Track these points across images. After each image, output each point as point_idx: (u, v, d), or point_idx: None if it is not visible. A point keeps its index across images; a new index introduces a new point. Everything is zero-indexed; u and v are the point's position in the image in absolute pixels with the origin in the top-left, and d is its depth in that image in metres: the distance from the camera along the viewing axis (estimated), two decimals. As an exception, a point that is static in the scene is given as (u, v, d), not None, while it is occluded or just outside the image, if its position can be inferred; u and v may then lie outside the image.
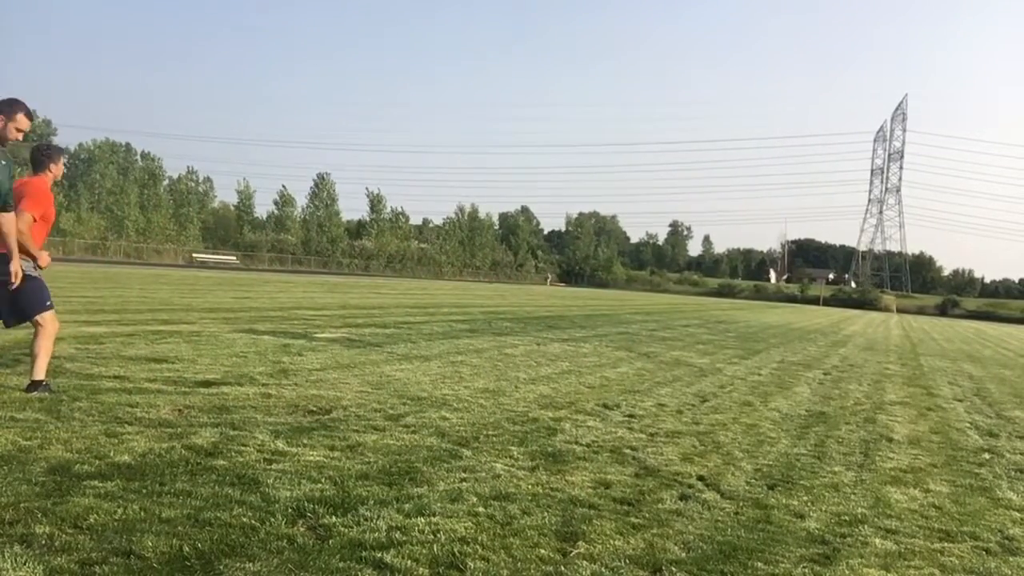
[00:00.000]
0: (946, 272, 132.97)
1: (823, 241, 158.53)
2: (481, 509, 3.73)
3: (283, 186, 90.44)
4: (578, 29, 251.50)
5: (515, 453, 4.92)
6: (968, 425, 7.79)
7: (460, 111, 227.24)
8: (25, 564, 2.66)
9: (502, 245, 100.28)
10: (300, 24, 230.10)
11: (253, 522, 3.25)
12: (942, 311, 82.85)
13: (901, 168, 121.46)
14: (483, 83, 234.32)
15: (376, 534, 3.26)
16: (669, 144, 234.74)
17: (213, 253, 66.87)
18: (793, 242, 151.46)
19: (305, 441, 4.73)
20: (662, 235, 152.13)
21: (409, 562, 3.00)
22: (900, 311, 78.04)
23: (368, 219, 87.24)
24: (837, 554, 3.57)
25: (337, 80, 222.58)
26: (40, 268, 5.34)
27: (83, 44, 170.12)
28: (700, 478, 4.74)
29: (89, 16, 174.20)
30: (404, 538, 3.25)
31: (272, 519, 3.31)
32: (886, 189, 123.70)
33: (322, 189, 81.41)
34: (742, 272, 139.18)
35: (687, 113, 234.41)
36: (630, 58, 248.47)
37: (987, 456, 6.24)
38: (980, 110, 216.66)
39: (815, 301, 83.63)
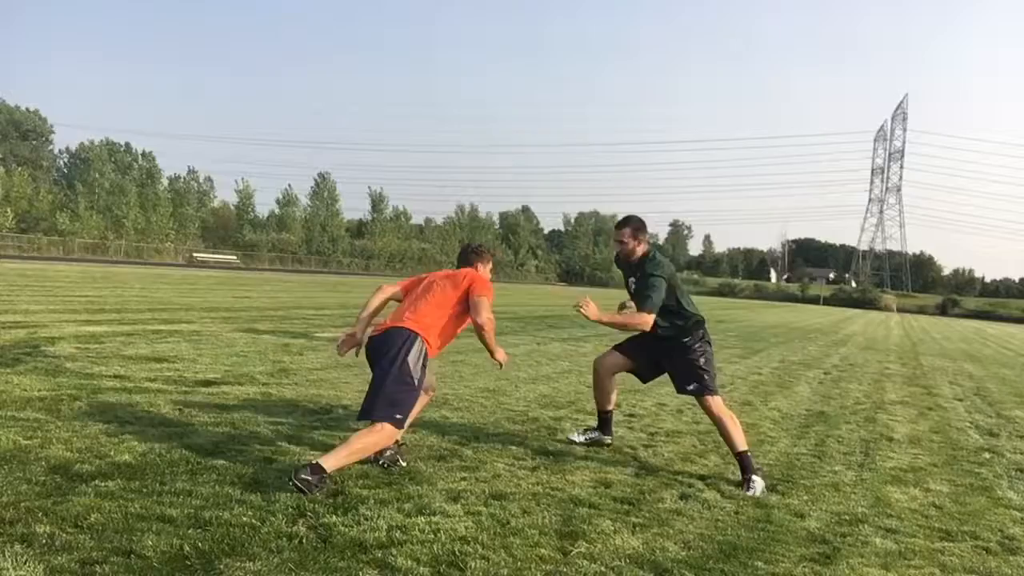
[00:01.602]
0: (946, 271, 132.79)
1: (823, 241, 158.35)
2: (481, 508, 3.73)
3: (288, 185, 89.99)
4: (579, 28, 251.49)
5: (515, 452, 4.92)
6: (968, 424, 7.79)
7: (460, 110, 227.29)
8: (26, 563, 2.66)
9: (502, 245, 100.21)
10: (301, 23, 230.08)
11: (254, 521, 3.25)
12: (942, 310, 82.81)
13: (901, 167, 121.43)
14: (484, 82, 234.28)
15: (376, 533, 3.26)
16: (670, 143, 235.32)
17: (213, 252, 66.82)
18: (793, 241, 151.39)
19: (306, 441, 4.73)
20: (662, 235, 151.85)
21: (410, 561, 3.00)
22: (900, 310, 78.00)
23: (369, 218, 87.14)
24: (837, 553, 3.57)
25: (337, 79, 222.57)
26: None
27: (82, 43, 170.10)
28: (700, 477, 4.74)
29: (89, 15, 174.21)
30: (404, 537, 3.25)
31: (273, 518, 3.31)
32: (886, 188, 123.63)
33: (323, 188, 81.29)
34: (742, 271, 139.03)
35: (688, 112, 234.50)
36: (631, 57, 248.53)
37: (987, 455, 6.24)
38: (981, 109, 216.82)
39: (815, 300, 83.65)
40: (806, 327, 26.58)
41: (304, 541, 3.11)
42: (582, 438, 5.26)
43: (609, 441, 5.33)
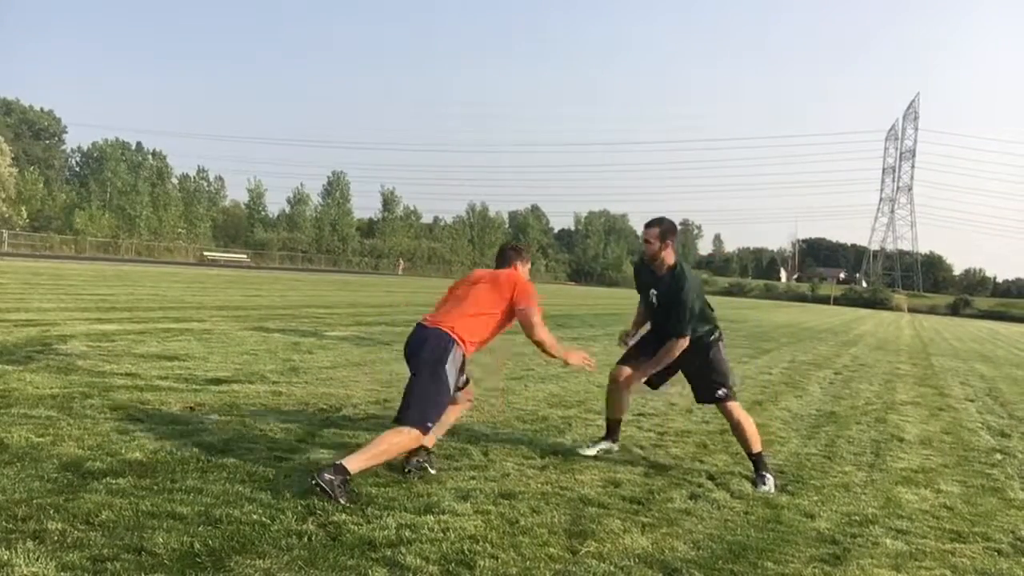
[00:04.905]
0: (958, 271, 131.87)
1: (834, 240, 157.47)
2: (491, 507, 3.73)
3: (301, 184, 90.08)
4: (585, 28, 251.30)
5: (525, 451, 4.92)
6: (980, 425, 7.73)
7: (470, 109, 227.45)
8: (37, 560, 2.68)
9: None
10: (308, 24, 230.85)
11: (264, 519, 3.27)
12: (954, 311, 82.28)
13: (913, 167, 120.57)
14: (492, 82, 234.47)
15: (386, 532, 3.26)
16: (679, 143, 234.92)
17: (224, 251, 67.09)
18: (804, 241, 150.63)
19: (315, 439, 4.75)
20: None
21: (419, 560, 3.00)
22: (911, 311, 77.56)
23: (380, 217, 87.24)
24: (847, 554, 3.56)
25: (346, 79, 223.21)
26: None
27: (93, 42, 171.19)
28: (710, 477, 4.73)
29: (99, 14, 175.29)
30: (414, 536, 3.25)
31: (283, 516, 3.32)
32: (898, 188, 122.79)
33: (335, 188, 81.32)
34: (752, 271, 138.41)
35: (697, 111, 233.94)
36: (640, 56, 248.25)
37: (999, 456, 6.20)
38: (992, 108, 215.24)
39: (826, 300, 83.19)
40: (816, 327, 26.47)
41: (314, 539, 3.11)
42: (593, 451, 5.05)
43: (616, 448, 5.21)
